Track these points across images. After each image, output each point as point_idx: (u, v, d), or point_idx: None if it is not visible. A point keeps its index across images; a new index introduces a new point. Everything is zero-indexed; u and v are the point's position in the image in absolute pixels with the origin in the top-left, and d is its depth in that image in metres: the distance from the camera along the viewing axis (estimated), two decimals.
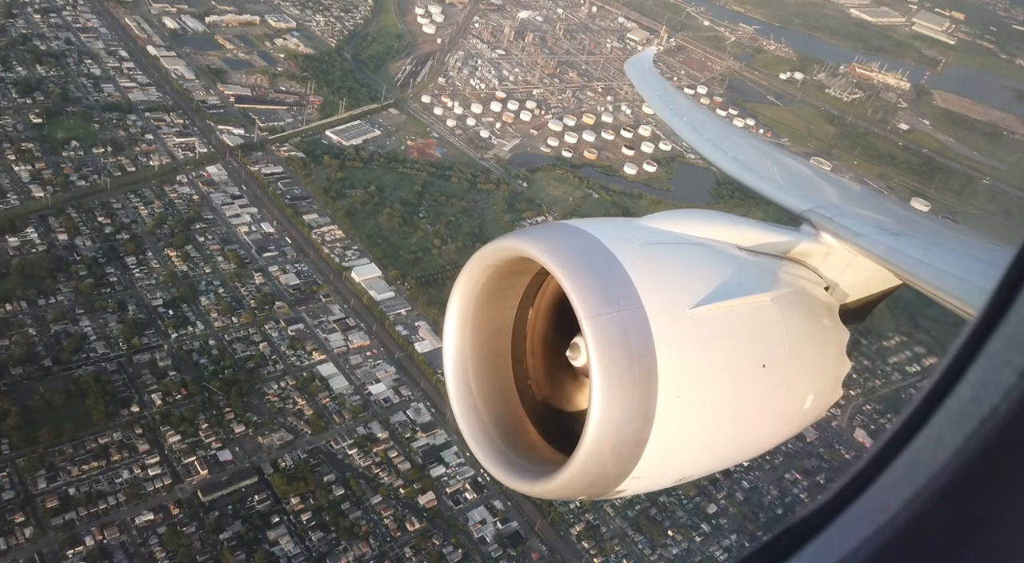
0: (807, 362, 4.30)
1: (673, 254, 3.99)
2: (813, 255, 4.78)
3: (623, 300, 3.43)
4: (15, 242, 64.83)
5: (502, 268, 3.95)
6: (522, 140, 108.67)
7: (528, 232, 3.80)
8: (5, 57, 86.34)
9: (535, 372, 4.37)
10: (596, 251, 3.59)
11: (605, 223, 3.99)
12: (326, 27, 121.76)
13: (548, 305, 4.31)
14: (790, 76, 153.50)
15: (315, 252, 76.92)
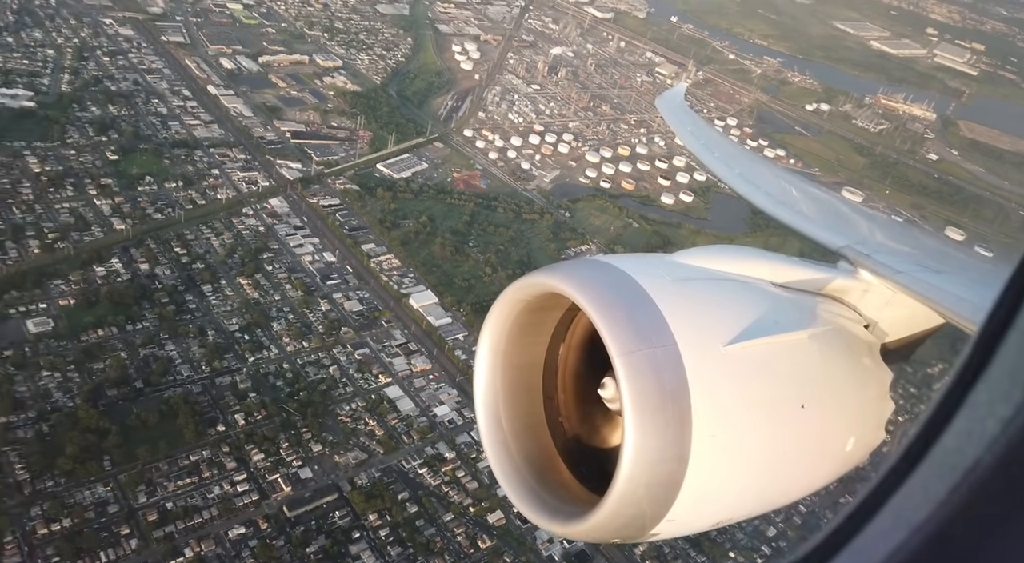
0: (848, 403, 4.20)
1: (706, 290, 3.96)
2: (851, 292, 4.70)
3: (655, 337, 3.37)
4: (102, 271, 68.83)
5: (533, 303, 3.93)
6: (562, 171, 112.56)
7: (558, 267, 3.83)
8: (81, 98, 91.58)
9: (567, 409, 4.30)
10: (627, 287, 3.57)
11: (636, 259, 3.98)
12: (370, 65, 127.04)
13: (579, 341, 4.27)
14: (816, 107, 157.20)
15: (374, 280, 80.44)
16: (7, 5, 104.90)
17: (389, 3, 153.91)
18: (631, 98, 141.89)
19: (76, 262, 68.79)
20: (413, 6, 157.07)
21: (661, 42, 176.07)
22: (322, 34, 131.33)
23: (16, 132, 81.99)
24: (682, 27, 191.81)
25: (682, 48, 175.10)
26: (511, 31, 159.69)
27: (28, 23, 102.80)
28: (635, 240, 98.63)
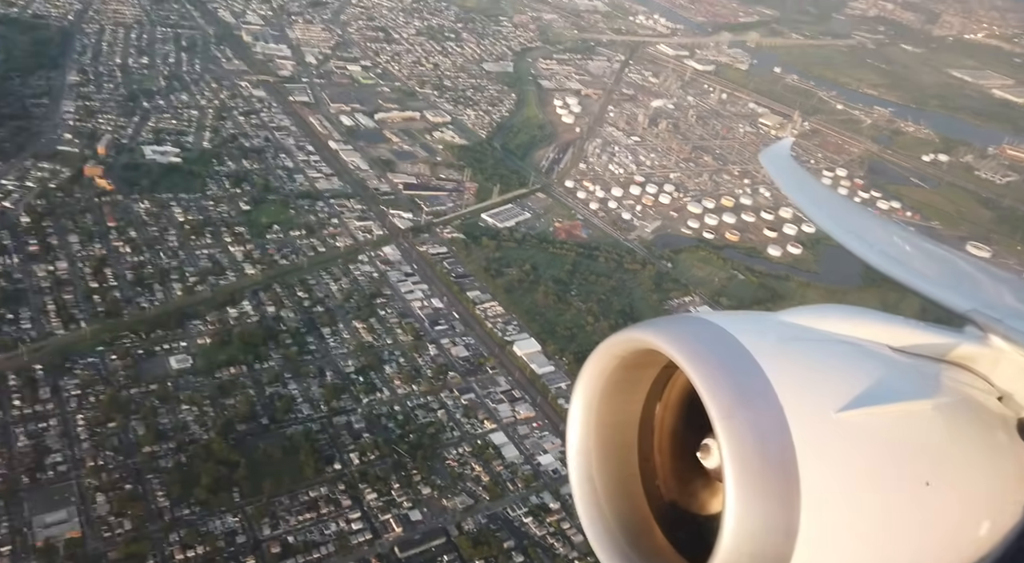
0: (980, 482, 3.89)
1: (814, 352, 3.75)
2: (981, 360, 4.42)
3: (759, 399, 3.23)
4: (235, 313, 74.22)
5: (629, 359, 3.81)
6: (663, 222, 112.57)
7: (656, 323, 3.66)
8: (219, 153, 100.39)
9: (663, 471, 4.12)
10: (728, 346, 3.43)
11: (737, 317, 3.81)
12: (476, 120, 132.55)
13: (677, 400, 4.11)
14: (934, 158, 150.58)
15: (479, 326, 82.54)
16: (160, 72, 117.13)
17: (494, 62, 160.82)
18: (734, 149, 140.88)
19: (213, 304, 74.54)
20: (516, 64, 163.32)
21: (764, 93, 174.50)
22: (432, 92, 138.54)
23: (165, 185, 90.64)
24: (786, 78, 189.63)
25: (786, 99, 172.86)
26: (611, 85, 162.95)
27: (177, 87, 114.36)
28: (741, 292, 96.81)
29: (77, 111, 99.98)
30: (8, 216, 78.08)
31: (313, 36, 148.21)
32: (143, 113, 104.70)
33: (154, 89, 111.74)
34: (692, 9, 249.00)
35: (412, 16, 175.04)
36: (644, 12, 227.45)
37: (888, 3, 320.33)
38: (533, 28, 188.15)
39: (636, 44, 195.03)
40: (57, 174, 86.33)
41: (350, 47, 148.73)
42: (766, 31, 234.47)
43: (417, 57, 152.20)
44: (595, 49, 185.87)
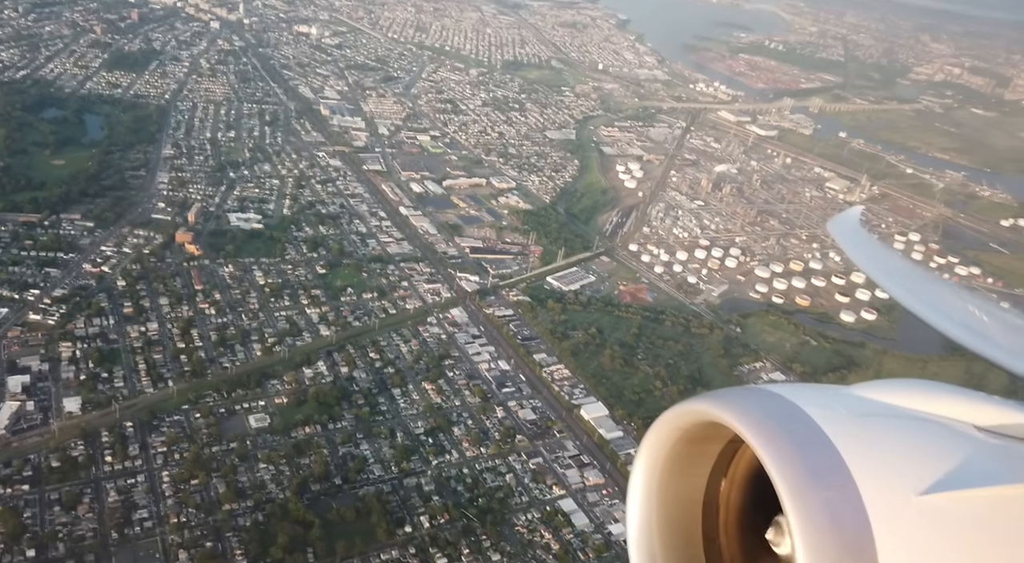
0: None
1: (891, 429, 3.56)
2: None
3: (832, 477, 3.06)
4: (310, 373, 76.52)
5: (692, 432, 3.68)
6: (730, 286, 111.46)
7: (720, 395, 3.56)
8: (298, 220, 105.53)
9: (729, 552, 3.93)
10: (798, 420, 3.29)
11: (807, 389, 3.68)
12: (540, 185, 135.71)
13: (744, 477, 3.92)
14: (1013, 223, 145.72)
15: (546, 389, 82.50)
16: (245, 144, 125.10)
17: (557, 130, 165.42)
18: (801, 213, 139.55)
19: (289, 364, 77.10)
20: (579, 131, 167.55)
21: (830, 158, 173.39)
22: (497, 159, 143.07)
23: (247, 250, 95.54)
24: (852, 142, 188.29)
25: (853, 163, 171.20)
26: (673, 151, 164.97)
27: (260, 158, 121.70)
28: (814, 359, 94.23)
29: (170, 182, 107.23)
30: (106, 280, 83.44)
31: (386, 109, 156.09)
32: (229, 183, 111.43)
33: (240, 160, 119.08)
34: (752, 77, 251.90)
35: (478, 89, 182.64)
36: (704, 80, 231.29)
37: (955, 68, 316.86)
38: (594, 97, 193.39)
39: (697, 111, 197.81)
40: (151, 240, 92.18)
41: (420, 118, 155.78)
42: (829, 97, 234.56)
43: (483, 127, 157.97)
44: (656, 116, 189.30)
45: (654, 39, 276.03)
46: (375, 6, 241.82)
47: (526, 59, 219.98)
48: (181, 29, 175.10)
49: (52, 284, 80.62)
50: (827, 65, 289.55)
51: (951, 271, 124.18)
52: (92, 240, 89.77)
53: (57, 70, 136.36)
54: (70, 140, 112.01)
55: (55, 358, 70.61)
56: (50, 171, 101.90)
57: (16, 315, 74.79)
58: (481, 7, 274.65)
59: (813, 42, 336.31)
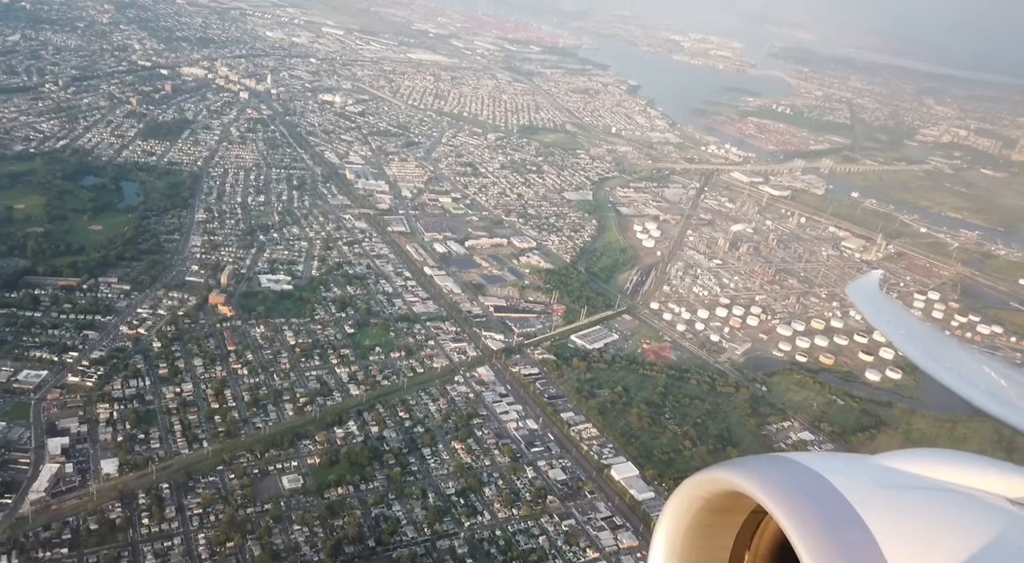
0: None
1: (921, 502, 3.44)
2: None
3: (861, 553, 2.91)
4: (341, 433, 77.06)
5: (714, 502, 3.59)
6: (752, 344, 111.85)
7: (742, 463, 3.47)
8: (326, 280, 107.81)
9: None
10: (824, 491, 3.21)
11: (831, 458, 3.64)
12: (560, 245, 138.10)
13: (768, 550, 3.80)
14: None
15: (575, 448, 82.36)
16: (274, 208, 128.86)
17: (574, 191, 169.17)
18: (819, 272, 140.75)
19: (321, 424, 77.77)
20: (595, 192, 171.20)
21: (844, 217, 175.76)
22: (517, 219, 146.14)
23: (278, 310, 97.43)
24: (864, 202, 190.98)
25: (867, 222, 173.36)
26: (689, 211, 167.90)
27: (289, 221, 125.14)
28: (842, 418, 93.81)
29: (203, 245, 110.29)
30: (142, 342, 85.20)
31: (408, 172, 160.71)
32: (260, 245, 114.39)
33: (269, 223, 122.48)
34: (762, 139, 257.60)
35: (496, 152, 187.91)
36: (715, 142, 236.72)
37: (961, 130, 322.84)
38: (609, 159, 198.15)
39: (709, 172, 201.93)
40: (185, 302, 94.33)
41: (441, 181, 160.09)
42: (839, 158, 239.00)
43: (502, 188, 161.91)
44: (670, 177, 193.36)
45: (664, 104, 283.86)
46: (395, 75, 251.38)
47: (541, 124, 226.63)
48: (212, 99, 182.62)
49: (90, 346, 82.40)
50: (834, 127, 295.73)
51: (973, 330, 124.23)
52: (129, 303, 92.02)
53: (95, 140, 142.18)
54: (107, 206, 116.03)
55: (93, 419, 71.72)
56: (88, 236, 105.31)
57: (55, 377, 76.32)
58: (496, 75, 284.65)
59: (819, 105, 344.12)
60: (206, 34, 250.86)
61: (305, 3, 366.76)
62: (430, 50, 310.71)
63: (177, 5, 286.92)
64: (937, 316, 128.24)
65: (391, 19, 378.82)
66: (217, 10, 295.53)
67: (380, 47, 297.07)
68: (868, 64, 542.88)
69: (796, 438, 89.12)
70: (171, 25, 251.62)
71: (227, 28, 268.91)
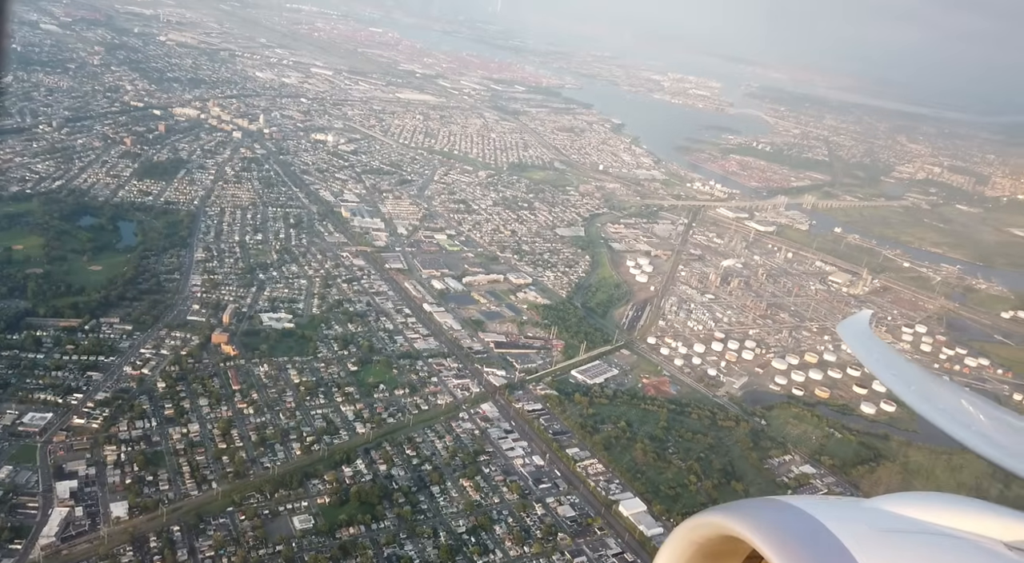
0: None
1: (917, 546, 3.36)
2: None
3: None
4: (349, 472, 76.85)
5: (708, 547, 3.47)
6: (750, 378, 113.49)
7: (737, 508, 3.44)
8: (327, 318, 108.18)
9: None
10: (820, 536, 3.07)
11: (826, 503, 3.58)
12: (555, 281, 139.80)
13: None
14: (1013, 315, 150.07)
15: (582, 484, 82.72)
16: (272, 246, 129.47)
17: (566, 227, 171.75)
18: (809, 306, 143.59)
19: (329, 463, 77.55)
20: (587, 228, 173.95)
21: (829, 252, 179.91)
22: (512, 256, 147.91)
23: (281, 348, 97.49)
24: (848, 237, 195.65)
25: (851, 257, 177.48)
26: (679, 246, 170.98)
27: (287, 259, 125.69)
28: (841, 451, 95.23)
29: (203, 284, 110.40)
30: (147, 382, 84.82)
31: (403, 210, 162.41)
32: (260, 284, 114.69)
33: (268, 262, 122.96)
34: (745, 175, 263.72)
35: (488, 189, 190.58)
36: (700, 179, 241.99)
37: (935, 167, 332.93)
38: (598, 196, 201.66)
39: (696, 208, 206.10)
40: (188, 342, 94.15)
41: (436, 218, 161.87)
42: (820, 194, 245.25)
43: (496, 225, 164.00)
44: (658, 213, 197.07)
45: (648, 141, 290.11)
46: (385, 115, 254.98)
47: (530, 161, 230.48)
48: (205, 139, 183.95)
49: (94, 388, 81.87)
50: (814, 164, 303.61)
51: (961, 362, 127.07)
52: (131, 343, 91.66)
53: (91, 180, 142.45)
54: (106, 246, 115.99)
55: (101, 462, 71.06)
56: (88, 276, 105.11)
57: (61, 419, 75.64)
58: (484, 114, 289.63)
59: (798, 143, 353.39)
60: (197, 75, 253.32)
61: (293, 44, 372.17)
62: (418, 90, 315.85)
63: (167, 47, 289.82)
64: (926, 349, 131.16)
65: (378, 60, 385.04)
66: (207, 51, 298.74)
67: (369, 87, 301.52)
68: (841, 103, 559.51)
69: (798, 472, 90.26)
70: (162, 66, 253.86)
71: (217, 69, 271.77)
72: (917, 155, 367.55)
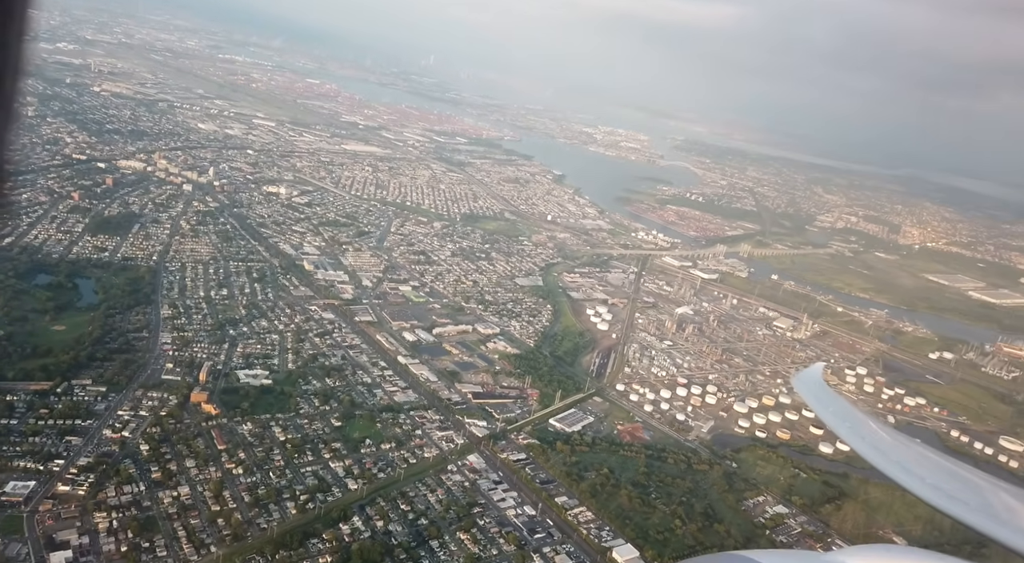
0: None
1: None
2: None
3: None
4: (347, 529, 76.43)
5: None
6: (715, 422, 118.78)
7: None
8: (304, 373, 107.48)
9: None
10: None
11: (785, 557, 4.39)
12: (522, 330, 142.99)
13: None
14: (939, 356, 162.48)
15: (575, 533, 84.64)
16: (239, 301, 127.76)
17: (524, 276, 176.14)
18: (760, 350, 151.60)
19: (326, 521, 76.97)
20: (545, 277, 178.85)
21: (769, 298, 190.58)
22: (477, 306, 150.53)
23: (261, 406, 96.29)
24: (784, 284, 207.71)
25: (790, 303, 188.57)
26: (633, 294, 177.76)
27: (256, 315, 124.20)
28: (808, 490, 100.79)
29: (174, 341, 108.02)
30: (128, 445, 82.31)
31: (364, 262, 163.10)
32: (231, 340, 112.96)
33: (237, 317, 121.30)
34: (683, 225, 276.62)
35: (445, 240, 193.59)
36: (643, 228, 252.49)
37: (852, 216, 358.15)
38: (551, 246, 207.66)
39: (643, 257, 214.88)
40: (166, 402, 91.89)
41: (398, 270, 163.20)
42: (754, 242, 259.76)
43: (457, 276, 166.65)
44: (609, 262, 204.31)
45: (589, 192, 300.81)
46: (334, 167, 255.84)
47: (481, 212, 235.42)
48: (155, 192, 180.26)
49: (75, 453, 78.93)
50: (743, 214, 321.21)
51: (901, 402, 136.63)
52: (107, 405, 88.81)
53: (42, 236, 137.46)
54: (67, 305, 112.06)
55: (93, 530, 68.54)
56: (52, 337, 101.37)
57: (45, 487, 72.59)
58: (431, 165, 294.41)
59: (726, 194, 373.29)
60: (137, 126, 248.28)
61: (232, 95, 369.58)
62: (363, 141, 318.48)
63: (102, 97, 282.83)
64: (869, 390, 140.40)
65: (319, 111, 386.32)
66: (144, 102, 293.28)
67: (314, 138, 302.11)
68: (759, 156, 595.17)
69: (773, 512, 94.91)
70: (100, 117, 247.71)
71: (158, 120, 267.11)
72: (834, 205, 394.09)
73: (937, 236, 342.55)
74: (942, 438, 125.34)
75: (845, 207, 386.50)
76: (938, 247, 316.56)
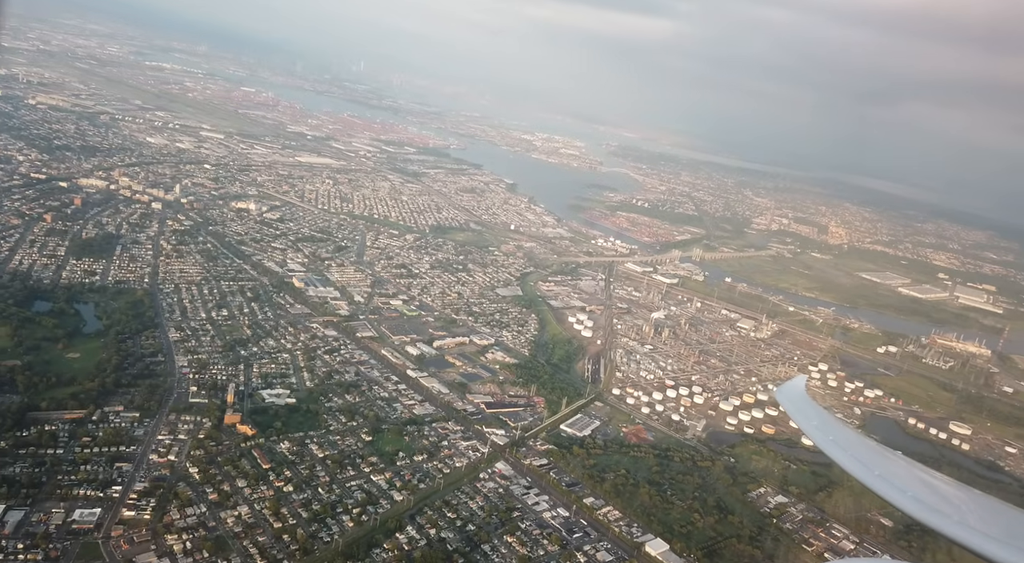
0: None
1: None
2: None
3: None
4: (403, 538, 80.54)
5: None
6: (707, 420, 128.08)
7: None
8: (324, 391, 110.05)
9: None
10: None
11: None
12: (514, 339, 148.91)
13: None
14: (886, 349, 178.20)
15: (608, 530, 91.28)
16: (241, 322, 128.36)
17: (504, 287, 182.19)
18: (731, 351, 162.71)
19: (383, 531, 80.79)
20: (523, 287, 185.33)
21: (727, 300, 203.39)
22: (468, 317, 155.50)
23: (293, 424, 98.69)
24: (738, 286, 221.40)
25: (746, 304, 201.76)
26: (607, 301, 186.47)
27: (261, 334, 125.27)
28: (801, 481, 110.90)
29: (191, 364, 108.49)
30: (177, 469, 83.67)
31: (350, 277, 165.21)
32: (245, 361, 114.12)
33: (244, 338, 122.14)
34: (636, 231, 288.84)
35: (420, 252, 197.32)
36: (601, 235, 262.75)
37: (783, 218, 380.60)
38: (520, 255, 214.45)
39: (607, 263, 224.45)
40: (200, 425, 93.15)
41: (384, 284, 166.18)
42: (703, 247, 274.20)
43: (441, 288, 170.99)
44: (577, 270, 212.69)
45: (543, 200, 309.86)
46: (294, 180, 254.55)
47: (448, 223, 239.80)
48: (126, 211, 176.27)
49: (129, 478, 79.84)
50: (687, 219, 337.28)
51: (862, 394, 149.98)
52: (144, 430, 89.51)
53: (27, 261, 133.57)
54: (75, 332, 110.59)
55: (169, 552, 70.30)
56: (70, 365, 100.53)
57: (110, 513, 73.57)
58: (388, 176, 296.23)
59: (667, 199, 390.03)
60: (86, 141, 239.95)
61: (171, 106, 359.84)
62: (315, 153, 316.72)
63: (40, 111, 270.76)
64: (832, 384, 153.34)
65: (263, 121, 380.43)
66: (84, 115, 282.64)
67: (266, 151, 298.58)
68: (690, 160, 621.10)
69: (775, 502, 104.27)
70: (45, 133, 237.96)
71: (105, 134, 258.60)
72: (765, 208, 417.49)
73: (861, 236, 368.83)
74: (902, 427, 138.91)
75: (776, 210, 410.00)
76: (863, 246, 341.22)
